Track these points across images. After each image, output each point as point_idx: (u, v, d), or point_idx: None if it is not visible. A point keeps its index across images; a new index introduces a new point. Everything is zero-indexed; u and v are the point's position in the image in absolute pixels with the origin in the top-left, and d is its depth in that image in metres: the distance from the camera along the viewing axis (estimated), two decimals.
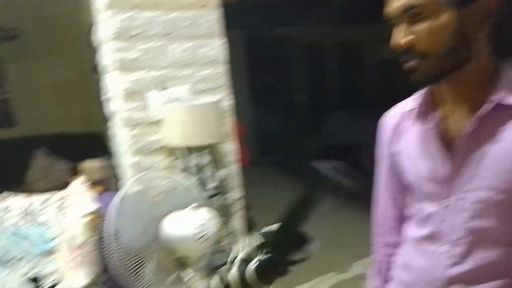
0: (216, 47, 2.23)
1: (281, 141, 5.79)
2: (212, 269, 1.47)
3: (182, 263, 1.41)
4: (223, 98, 2.27)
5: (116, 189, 3.01)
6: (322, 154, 5.57)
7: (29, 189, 4.72)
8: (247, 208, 2.61)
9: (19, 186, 4.76)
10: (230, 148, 2.44)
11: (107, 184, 3.03)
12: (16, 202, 2.54)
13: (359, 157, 5.04)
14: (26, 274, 2.24)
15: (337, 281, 2.77)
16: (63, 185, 4.67)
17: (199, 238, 1.30)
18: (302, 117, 6.10)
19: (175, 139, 1.93)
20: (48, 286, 1.75)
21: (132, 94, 2.10)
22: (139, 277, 1.32)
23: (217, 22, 2.22)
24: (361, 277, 2.74)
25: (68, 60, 4.57)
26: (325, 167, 4.94)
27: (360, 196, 4.21)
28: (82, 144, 4.57)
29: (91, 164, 3.10)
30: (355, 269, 2.91)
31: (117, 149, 2.69)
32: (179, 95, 2.17)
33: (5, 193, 2.61)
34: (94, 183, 2.71)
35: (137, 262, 1.32)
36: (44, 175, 4.86)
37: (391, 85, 5.29)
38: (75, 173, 3.64)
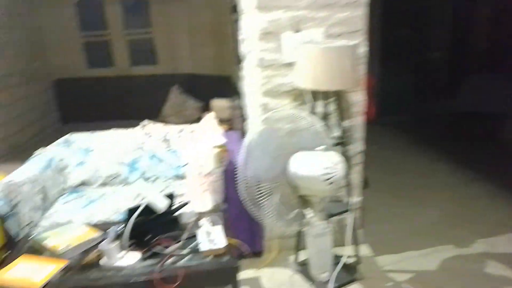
0: None
1: (407, 101, 5.36)
2: (328, 216, 1.47)
3: (304, 202, 1.43)
4: (359, 44, 2.14)
5: (241, 128, 3.17)
6: (453, 121, 5.04)
7: (163, 121, 5.27)
8: (365, 164, 2.52)
9: (156, 117, 5.36)
10: (358, 99, 2.33)
11: (233, 122, 3.21)
12: (156, 129, 2.85)
13: (499, 127, 4.42)
14: (161, 191, 2.55)
15: (454, 255, 2.57)
16: (194, 120, 5.09)
17: (326, 179, 1.29)
18: (437, 77, 5.50)
19: (305, 82, 1.90)
20: (178, 205, 1.96)
21: (268, 34, 2.11)
22: (263, 207, 1.37)
23: None
24: (485, 255, 2.51)
25: (207, 2, 4.79)
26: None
27: (492, 172, 3.76)
28: (213, 84, 4.89)
29: (220, 103, 3.30)
30: (478, 246, 2.65)
31: (246, 90, 2.79)
32: (314, 38, 2.11)
33: (146, 121, 2.95)
34: (221, 121, 2.88)
35: (262, 193, 1.38)
36: (177, 110, 5.38)
37: None
38: (205, 110, 3.94)
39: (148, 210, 1.74)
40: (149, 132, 2.83)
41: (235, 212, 2.34)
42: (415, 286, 2.25)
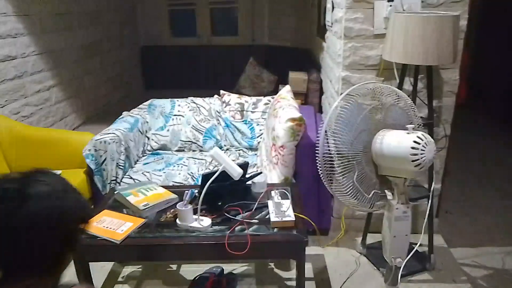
0: None
1: (502, 84, 4.80)
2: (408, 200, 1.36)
3: (385, 182, 1.33)
4: (461, 15, 1.91)
5: (317, 103, 3.08)
6: None
7: (238, 92, 5.32)
8: (448, 149, 2.30)
9: (231, 88, 5.42)
10: (452, 77, 2.11)
11: (309, 96, 3.13)
12: (233, 100, 2.87)
13: None
14: (234, 160, 2.58)
15: None
16: (268, 93, 5.07)
17: (414, 161, 1.18)
18: None
19: (395, 56, 1.75)
20: (250, 175, 1.96)
21: (358, 2, 1.97)
22: (341, 183, 1.31)
23: None
24: None
25: None
26: None
27: None
28: (291, 57, 4.79)
29: (297, 76, 3.21)
30: None
31: (328, 63, 2.68)
32: (410, 7, 1.93)
33: (222, 91, 2.98)
34: (298, 94, 2.81)
35: (341, 169, 1.31)
36: (253, 82, 5.38)
37: None
38: (281, 83, 3.89)
39: (223, 177, 1.76)
40: (225, 102, 2.86)
41: (304, 187, 2.30)
42: (492, 285, 2.05)
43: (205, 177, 1.80)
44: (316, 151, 1.45)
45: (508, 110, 4.45)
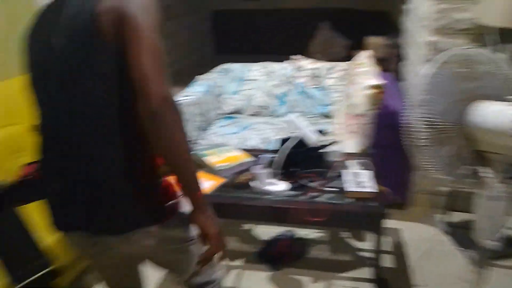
0: None
1: None
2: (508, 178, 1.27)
3: (481, 158, 1.25)
4: None
5: (397, 70, 2.92)
6: None
7: (310, 58, 5.20)
8: None
9: (302, 53, 5.31)
10: None
11: (389, 62, 2.97)
12: (306, 65, 2.81)
13: None
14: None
15: None
16: (341, 59, 4.91)
17: None
18: None
19: (493, 18, 1.58)
20: (326, 142, 1.93)
21: None
22: (430, 156, 1.25)
23: None
24: None
25: None
26: None
27: None
28: (367, 21, 4.56)
29: (376, 41, 3.06)
30: None
31: (411, 26, 2.50)
32: None
33: (296, 55, 2.92)
34: (376, 60, 2.67)
35: (431, 141, 1.24)
36: (324, 47, 5.22)
37: None
38: (356, 48, 3.72)
39: (299, 142, 1.77)
40: (299, 67, 2.81)
41: (383, 158, 2.23)
42: None
43: (283, 142, 1.82)
44: (400, 121, 1.37)
45: None
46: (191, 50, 5.20)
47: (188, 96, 2.47)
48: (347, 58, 4.80)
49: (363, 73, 2.20)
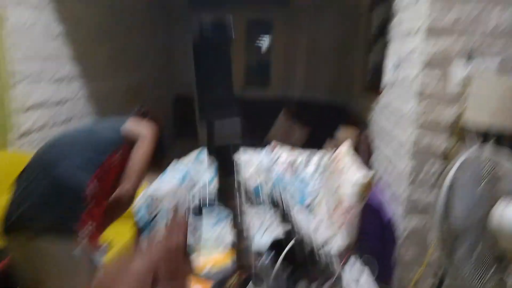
0: None
1: None
2: None
3: (507, 264, 1.18)
4: None
5: (367, 162, 2.96)
6: None
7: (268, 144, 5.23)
8: None
9: (262, 140, 5.37)
10: None
11: (361, 154, 3.02)
12: (284, 153, 2.78)
13: None
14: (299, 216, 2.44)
15: None
16: (301, 145, 4.98)
17: None
18: None
19: (482, 119, 1.65)
20: (319, 242, 1.80)
21: (432, 62, 1.91)
22: (458, 257, 1.16)
23: None
24: None
25: (332, 28, 4.71)
26: None
27: None
28: (327, 111, 4.76)
29: (347, 132, 3.13)
30: None
31: (384, 120, 2.59)
32: (487, 68, 1.86)
33: (273, 143, 2.89)
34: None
35: (458, 241, 1.16)
36: (284, 135, 5.33)
37: None
38: (315, 137, 3.80)
39: (298, 243, 1.62)
40: (276, 156, 2.76)
41: (369, 251, 2.13)
42: None
43: (274, 245, 1.66)
44: (386, 212, 1.29)
45: None
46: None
47: (165, 186, 2.28)
48: (307, 145, 4.92)
49: (349, 164, 2.17)
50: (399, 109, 2.24)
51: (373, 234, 2.23)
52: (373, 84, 3.03)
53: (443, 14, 1.83)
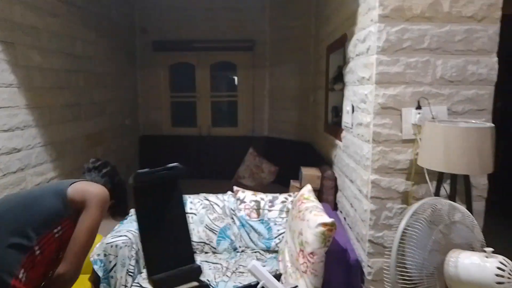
0: (489, 65, 1.94)
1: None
2: None
3: None
4: (486, 123, 1.96)
5: (332, 201, 3.00)
6: None
7: (239, 182, 5.22)
8: None
9: (231, 178, 5.34)
10: (482, 181, 2.10)
11: (324, 193, 3.05)
12: (247, 196, 2.77)
13: None
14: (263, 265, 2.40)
15: None
16: (269, 183, 4.98)
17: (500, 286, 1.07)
18: None
19: (434, 163, 1.73)
20: None
21: (385, 109, 2.00)
22: None
23: (494, 37, 1.93)
24: None
25: (294, 71, 4.89)
26: None
27: None
28: (291, 149, 4.83)
29: (310, 172, 3.18)
30: None
31: (345, 161, 2.66)
32: (437, 115, 1.97)
33: (236, 187, 2.88)
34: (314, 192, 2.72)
35: None
36: (252, 172, 5.34)
37: None
38: (282, 175, 3.84)
39: None
40: (240, 199, 2.75)
41: None
42: None
43: None
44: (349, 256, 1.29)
45: None
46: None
47: (124, 235, 2.20)
48: (276, 183, 4.93)
49: (310, 208, 2.18)
50: (357, 152, 2.31)
51: (339, 276, 2.22)
52: (334, 126, 3.13)
53: (391, 65, 1.94)
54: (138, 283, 2.16)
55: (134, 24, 5.43)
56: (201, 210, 2.68)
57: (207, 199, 2.75)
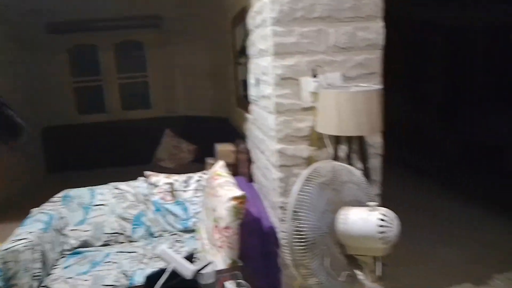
0: (376, 30, 2.05)
1: (409, 135, 5.35)
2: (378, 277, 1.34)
3: (354, 261, 1.29)
4: (373, 85, 2.09)
5: (247, 173, 3.04)
6: (453, 154, 5.02)
7: (157, 165, 5.08)
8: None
9: (149, 162, 5.18)
10: (377, 140, 2.25)
11: (239, 166, 3.08)
12: (161, 180, 2.69)
13: (502, 159, 4.41)
14: (170, 248, 2.36)
15: None
16: (190, 163, 4.92)
17: (382, 238, 1.16)
18: (435, 108, 5.51)
19: (329, 128, 1.81)
20: (200, 266, 1.77)
21: (285, 79, 2.03)
22: (311, 270, 1.23)
23: (379, 3, 2.04)
24: None
25: (206, 46, 4.75)
26: None
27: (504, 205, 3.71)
28: (210, 127, 4.78)
29: (225, 148, 3.17)
30: (499, 283, 2.58)
31: (255, 133, 2.69)
32: (332, 81, 2.05)
33: (148, 172, 2.78)
34: (227, 165, 2.73)
35: (313, 254, 1.24)
36: (171, 154, 5.22)
37: None
38: (203, 152, 3.80)
39: (171, 275, 1.56)
40: (153, 184, 2.66)
41: (253, 267, 2.17)
42: None
43: (151, 280, 1.58)
44: (264, 225, 1.34)
45: (420, 161, 4.92)
46: (20, 174, 4.50)
47: (24, 238, 2.02)
48: (196, 161, 4.88)
49: (222, 184, 2.19)
50: (264, 124, 2.34)
51: (255, 245, 2.28)
52: (244, 100, 3.14)
53: (286, 35, 1.97)
54: (45, 286, 2.02)
55: (23, 6, 4.85)
56: (112, 200, 2.55)
57: (118, 188, 2.62)
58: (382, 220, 1.17)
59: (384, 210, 1.21)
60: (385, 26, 2.10)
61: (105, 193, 2.57)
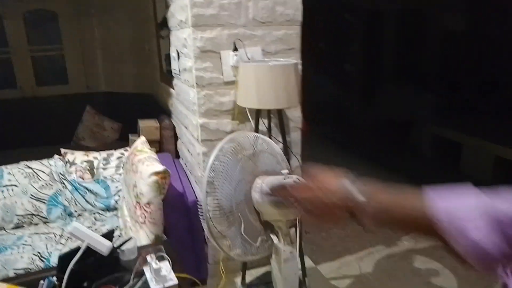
0: (295, 6, 2.10)
1: (330, 111, 5.62)
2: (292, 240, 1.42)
3: (269, 226, 1.36)
4: (291, 60, 2.16)
5: (173, 149, 3.00)
6: (371, 128, 5.39)
7: (78, 144, 4.82)
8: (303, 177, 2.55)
9: (69, 141, 4.88)
10: (296, 114, 2.35)
11: (164, 143, 3.03)
12: (78, 158, 2.56)
13: (410, 134, 4.83)
14: (90, 227, 2.28)
15: (385, 255, 2.78)
16: (114, 141, 4.73)
17: None
18: (354, 87, 5.84)
19: (249, 102, 1.84)
20: (119, 243, 1.73)
21: (205, 52, 2.01)
22: (229, 239, 1.27)
23: None
24: (411, 252, 2.77)
25: (127, 18, 4.50)
26: None
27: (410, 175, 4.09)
28: (133, 103, 4.59)
29: (148, 124, 3.09)
30: (405, 244, 2.90)
31: (179, 108, 2.65)
32: (252, 56, 2.07)
33: (64, 150, 2.63)
34: (151, 142, 2.68)
35: (229, 222, 1.28)
36: (93, 132, 4.96)
37: (455, 59, 4.96)
38: (128, 130, 3.67)
39: (85, 253, 1.52)
40: (69, 162, 2.52)
41: (178, 241, 2.19)
42: None
43: (64, 259, 1.52)
44: (187, 200, 1.36)
45: (342, 136, 5.21)
46: None
47: None
48: (120, 140, 4.70)
49: (144, 160, 2.14)
50: (186, 99, 2.32)
51: (180, 219, 2.29)
52: (167, 74, 3.06)
53: (205, 7, 1.94)
54: None
55: None
56: (23, 180, 2.38)
57: (29, 167, 2.44)
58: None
59: (295, 177, 1.28)
60: (309, 7, 2.15)
61: (14, 172, 2.39)
